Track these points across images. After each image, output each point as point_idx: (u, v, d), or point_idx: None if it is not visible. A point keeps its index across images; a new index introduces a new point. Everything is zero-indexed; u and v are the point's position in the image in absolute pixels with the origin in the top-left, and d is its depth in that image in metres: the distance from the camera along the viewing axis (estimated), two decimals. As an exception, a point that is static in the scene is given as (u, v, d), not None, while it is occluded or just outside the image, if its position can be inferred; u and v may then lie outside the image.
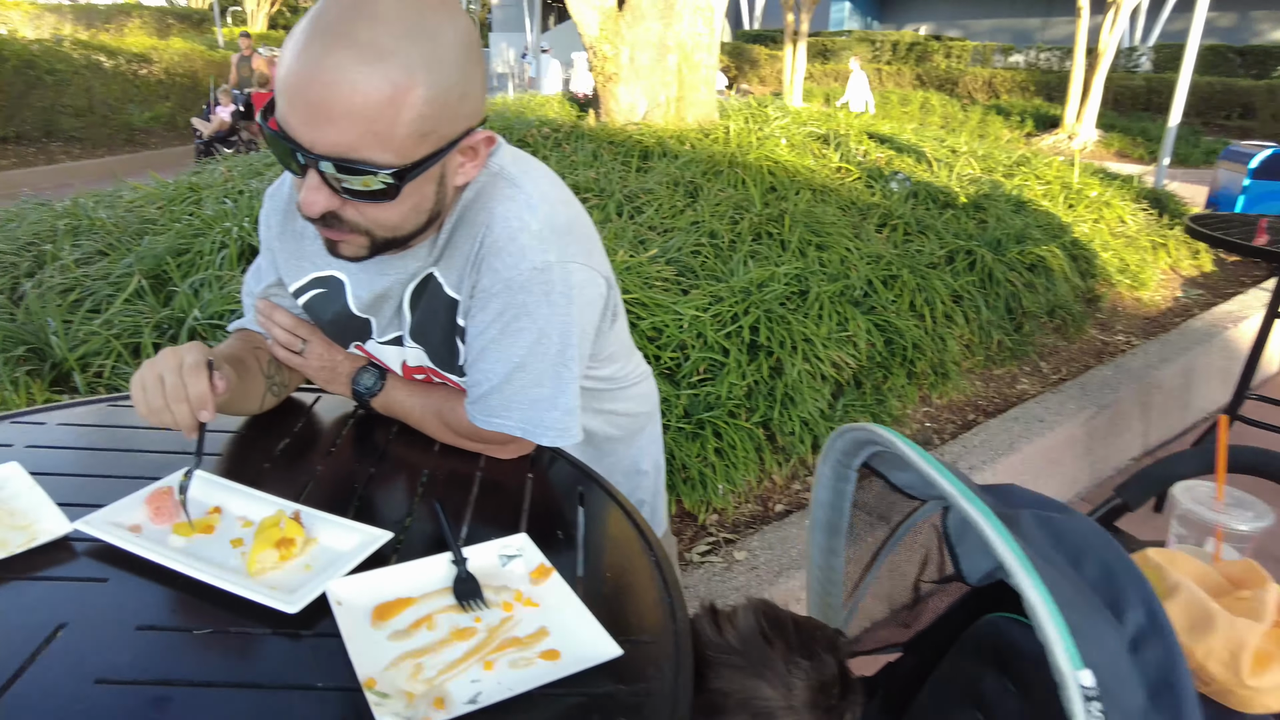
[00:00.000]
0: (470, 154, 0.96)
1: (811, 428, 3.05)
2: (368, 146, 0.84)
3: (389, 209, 0.92)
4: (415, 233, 0.98)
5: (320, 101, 0.82)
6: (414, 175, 0.88)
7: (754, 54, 20.28)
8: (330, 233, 0.94)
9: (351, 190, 0.88)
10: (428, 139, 0.87)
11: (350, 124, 0.82)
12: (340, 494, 1.05)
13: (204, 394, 0.97)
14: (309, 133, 0.84)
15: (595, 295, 1.05)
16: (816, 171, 5.07)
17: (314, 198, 0.88)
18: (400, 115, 0.84)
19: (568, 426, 1.06)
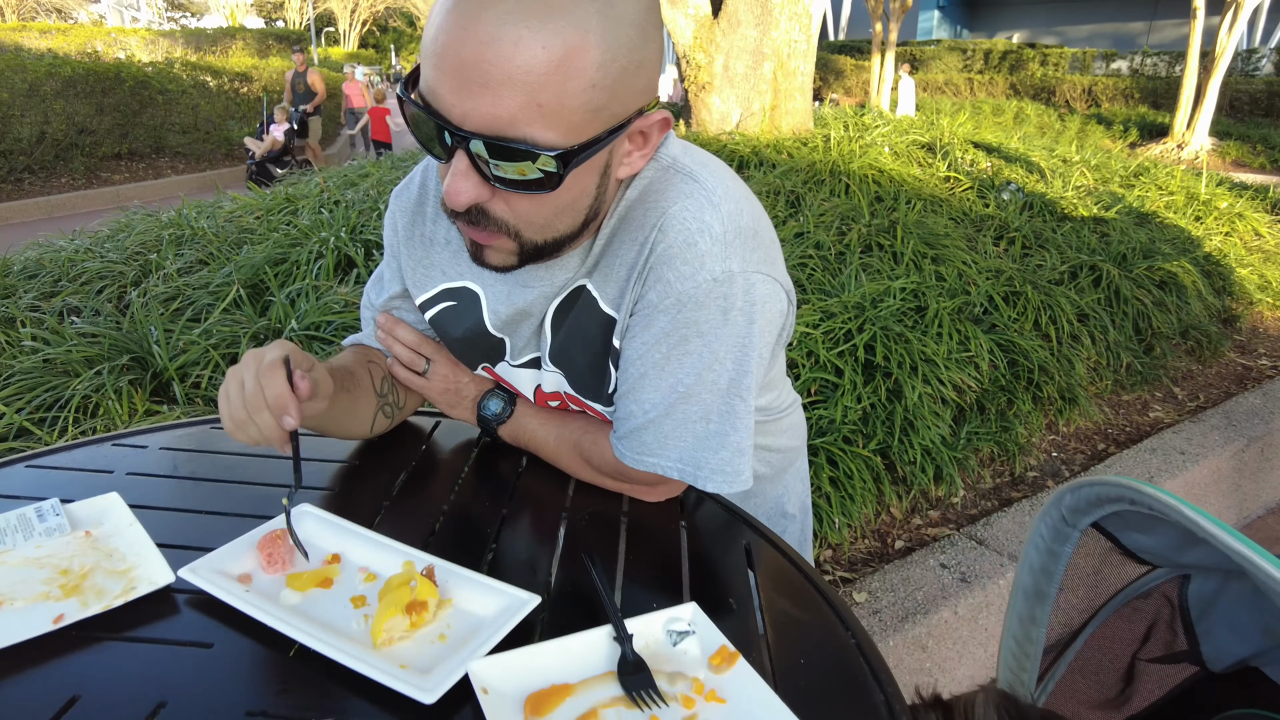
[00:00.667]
0: (640, 140, 0.80)
1: (933, 456, 2.81)
2: (530, 121, 0.68)
3: (544, 203, 0.76)
4: (569, 237, 0.82)
5: (475, 63, 0.66)
6: (580, 160, 0.72)
7: (839, 64, 19.88)
8: (476, 233, 0.79)
9: (505, 179, 0.72)
10: (599, 116, 0.71)
11: (511, 92, 0.67)
12: (471, 541, 0.91)
13: (282, 395, 0.80)
14: (460, 103, 0.68)
15: (776, 313, 0.88)
16: (924, 181, 4.81)
17: (461, 185, 0.72)
18: (570, 84, 0.68)
19: (737, 469, 0.89)
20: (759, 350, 0.86)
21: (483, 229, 0.78)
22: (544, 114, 0.68)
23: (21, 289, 3.22)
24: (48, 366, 2.59)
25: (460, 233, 0.84)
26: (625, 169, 0.81)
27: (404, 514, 0.96)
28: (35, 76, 10.17)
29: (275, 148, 10.31)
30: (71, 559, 0.83)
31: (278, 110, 10.54)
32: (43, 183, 9.81)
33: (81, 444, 1.08)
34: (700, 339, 0.83)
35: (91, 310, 2.98)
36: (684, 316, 0.83)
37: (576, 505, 0.98)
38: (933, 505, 2.83)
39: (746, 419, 0.88)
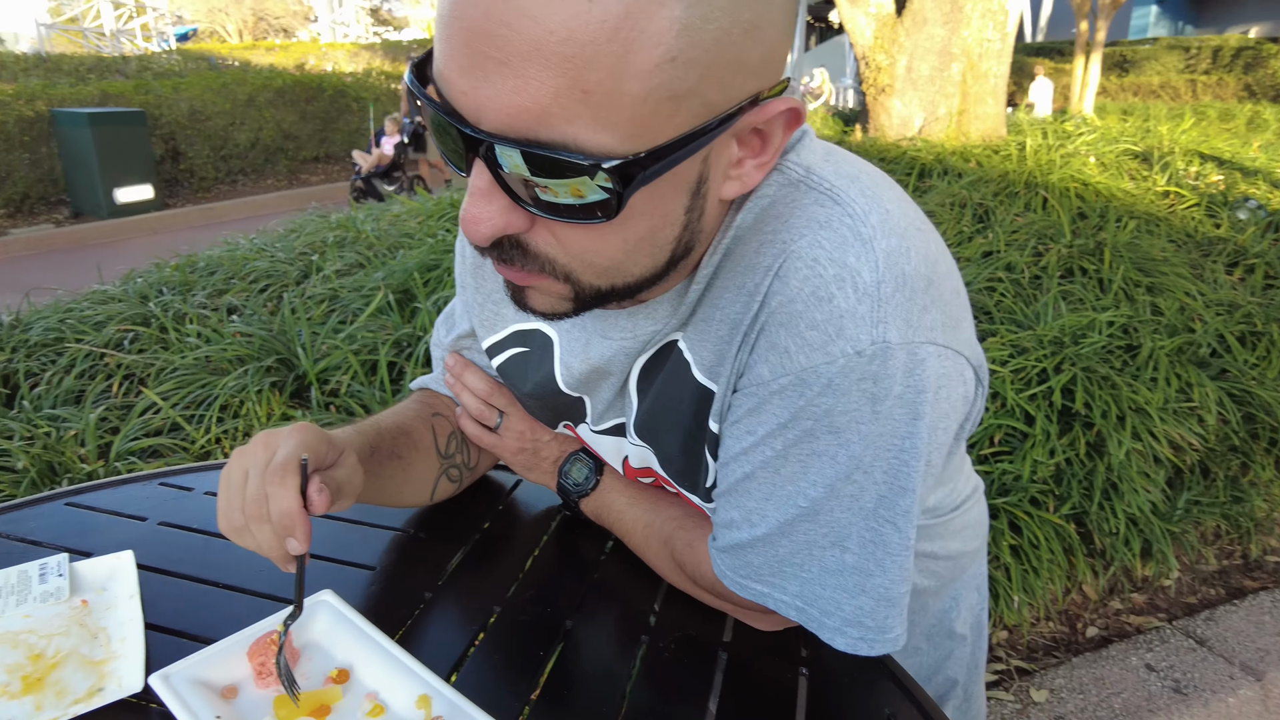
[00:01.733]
0: (755, 143, 0.53)
1: (1141, 528, 2.33)
2: (571, 116, 0.44)
3: (607, 235, 0.51)
4: (647, 280, 0.56)
5: (489, 29, 0.43)
6: (652, 175, 0.47)
7: (1034, 67, 18.38)
8: (511, 271, 0.55)
9: (543, 202, 0.48)
10: (681, 107, 0.45)
11: (541, 70, 0.43)
12: (519, 664, 0.69)
13: (289, 512, 0.62)
14: (473, 89, 0.45)
15: (959, 399, 0.60)
16: (1138, 196, 4.17)
17: (480, 210, 0.49)
18: (634, 56, 0.43)
19: (883, 624, 0.61)
20: (927, 456, 0.58)
21: (518, 267, 0.53)
22: (593, 104, 0.43)
23: (199, 286, 3.38)
24: (205, 364, 2.66)
25: None
26: (734, 185, 0.54)
27: (449, 609, 0.76)
28: (253, 89, 11.17)
29: (383, 163, 9.27)
30: (51, 639, 0.70)
31: (389, 121, 9.49)
32: (253, 184, 10.75)
33: (129, 480, 0.97)
34: (835, 436, 0.57)
35: (251, 309, 3.07)
36: (809, 404, 0.56)
37: (664, 622, 0.75)
38: (1137, 587, 2.36)
39: (901, 557, 0.60)
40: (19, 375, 2.73)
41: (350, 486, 0.70)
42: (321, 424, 2.38)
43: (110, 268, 4.05)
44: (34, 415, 2.47)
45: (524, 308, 0.59)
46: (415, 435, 0.85)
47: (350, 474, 0.70)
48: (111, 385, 2.68)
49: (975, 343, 0.62)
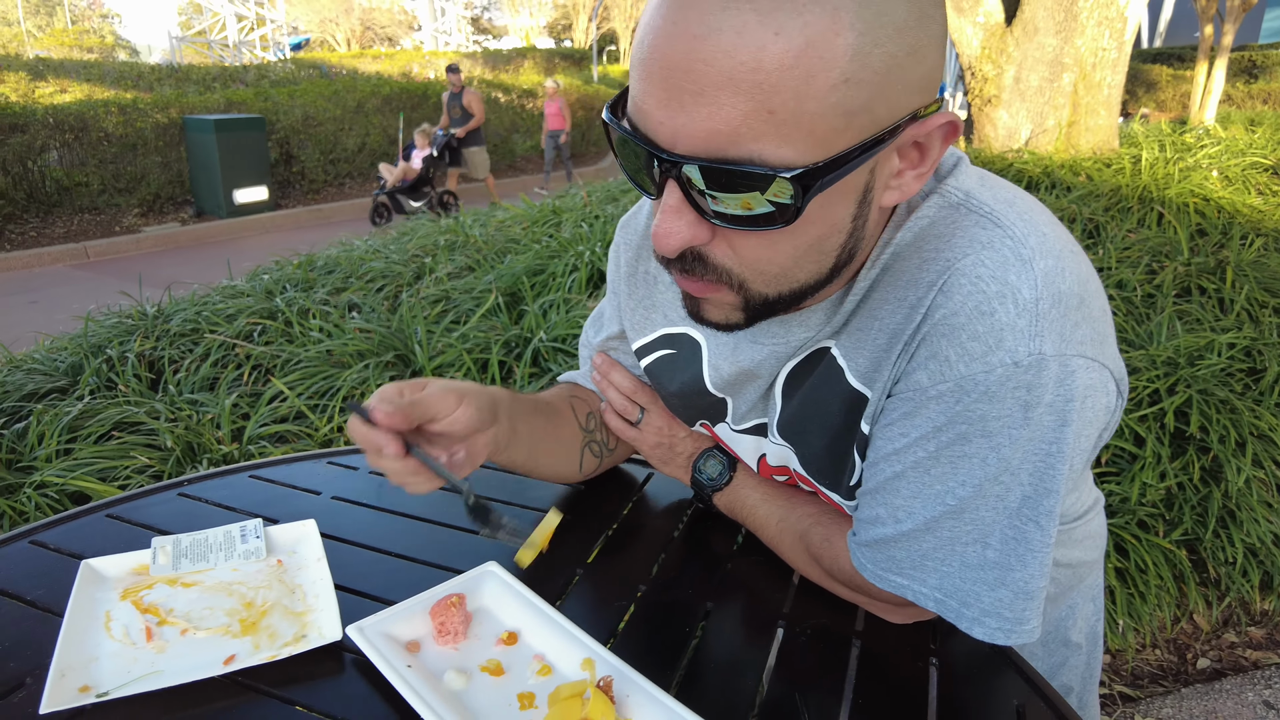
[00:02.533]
0: (914, 155, 0.58)
1: (1262, 559, 2.24)
2: (758, 135, 0.50)
3: (779, 245, 0.57)
4: (811, 287, 0.62)
5: (687, 65, 0.50)
6: (827, 184, 0.53)
7: (1151, 75, 17.51)
8: (691, 283, 0.61)
9: (726, 215, 0.54)
10: (854, 123, 0.51)
11: (732, 97, 0.49)
12: (666, 639, 0.76)
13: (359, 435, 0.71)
14: (670, 119, 0.52)
15: (1102, 409, 0.63)
16: (1266, 213, 3.97)
17: (672, 225, 0.55)
18: (814, 80, 0.49)
19: (1020, 616, 0.65)
20: (1071, 460, 0.62)
21: (698, 278, 0.60)
22: (777, 123, 0.50)
23: (319, 283, 3.60)
24: (328, 357, 2.84)
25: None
26: (894, 194, 0.59)
27: (597, 588, 0.83)
28: (362, 95, 11.70)
29: (409, 177, 8.95)
30: (258, 591, 0.80)
31: (418, 134, 9.19)
32: (359, 187, 11.24)
33: (300, 458, 1.07)
34: (987, 440, 0.61)
35: (369, 307, 3.25)
36: (966, 409, 0.61)
37: (798, 612, 0.80)
38: (1255, 621, 2.27)
39: (1041, 554, 0.64)
40: (164, 362, 2.97)
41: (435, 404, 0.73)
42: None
43: (233, 264, 4.35)
44: (177, 399, 2.69)
45: (699, 319, 0.65)
46: (557, 405, 0.94)
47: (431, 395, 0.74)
48: (242, 374, 2.89)
49: (1118, 357, 0.65)
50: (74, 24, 37.34)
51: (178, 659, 0.70)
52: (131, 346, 3.04)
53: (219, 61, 21.79)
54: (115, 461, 2.27)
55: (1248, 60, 16.90)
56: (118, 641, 0.71)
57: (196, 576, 0.81)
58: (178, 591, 0.78)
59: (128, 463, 2.28)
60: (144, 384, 2.86)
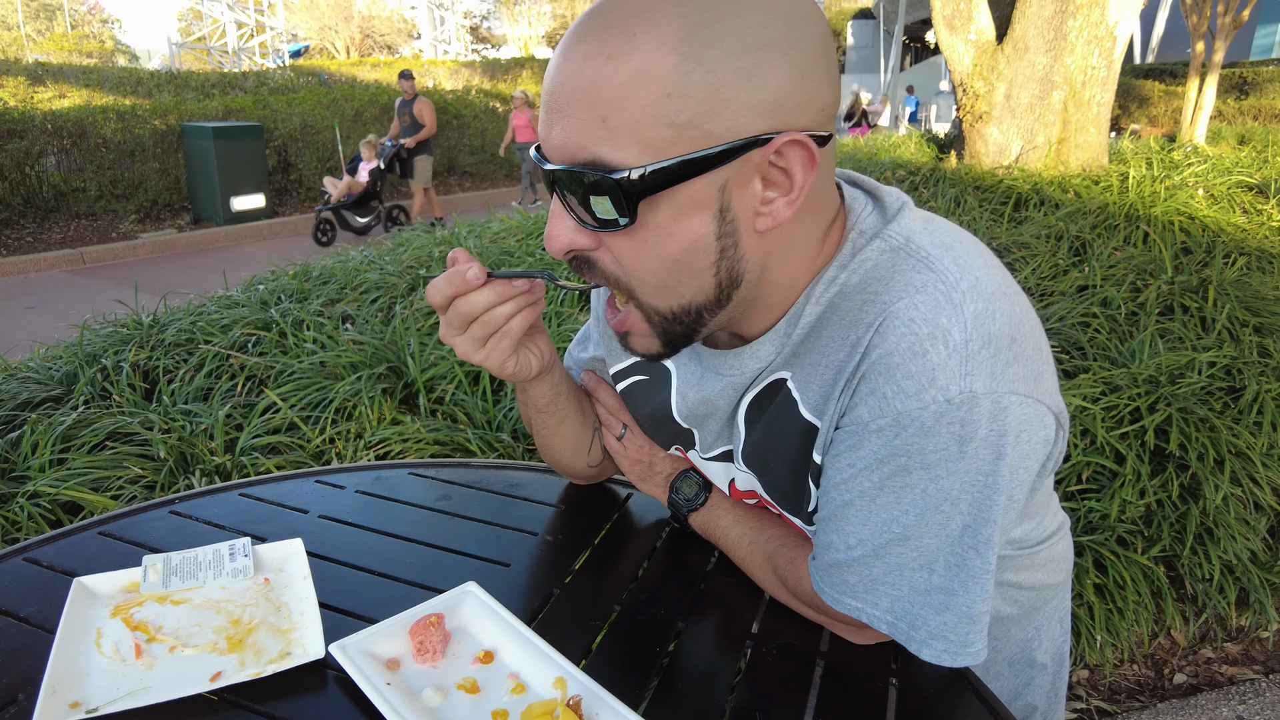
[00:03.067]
0: (782, 181, 0.62)
1: (1238, 576, 2.28)
2: (598, 140, 0.60)
3: (643, 251, 0.64)
4: (702, 306, 0.67)
5: (554, 89, 0.62)
6: (657, 186, 0.60)
7: (1143, 90, 17.65)
8: (610, 312, 0.73)
9: (589, 217, 0.63)
10: (684, 133, 0.59)
11: (578, 109, 0.60)
12: (638, 656, 0.79)
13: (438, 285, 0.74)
14: (547, 135, 0.63)
15: (1039, 443, 0.67)
16: (1250, 231, 4.03)
17: (555, 229, 0.66)
18: (640, 92, 0.58)
19: (965, 639, 0.69)
20: (1009, 491, 0.65)
21: (591, 280, 0.69)
22: (611, 129, 0.59)
23: (314, 294, 3.63)
24: (321, 368, 2.87)
25: None
26: (766, 219, 0.64)
27: (573, 607, 0.86)
28: (360, 104, 11.76)
29: (354, 191, 8.51)
30: (245, 608, 0.83)
31: (364, 146, 8.75)
32: (356, 195, 11.28)
33: (288, 476, 1.10)
34: (926, 471, 0.65)
35: (363, 319, 3.28)
36: (904, 443, 0.65)
37: (766, 631, 0.83)
38: (1231, 637, 2.30)
39: (982, 580, 0.67)
40: (159, 371, 3.00)
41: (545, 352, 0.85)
42: (427, 430, 2.54)
43: (229, 272, 4.37)
44: (171, 409, 2.72)
45: (631, 352, 0.74)
46: (580, 396, 0.99)
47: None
48: (236, 384, 2.92)
49: (1056, 393, 0.69)
50: (74, 29, 37.43)
51: (166, 676, 0.73)
52: (126, 356, 3.07)
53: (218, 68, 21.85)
54: (108, 472, 2.30)
55: (1238, 77, 17.05)
56: (108, 658, 0.74)
57: (186, 594, 0.84)
58: (167, 609, 0.81)
59: (121, 473, 2.30)
60: (138, 394, 2.88)
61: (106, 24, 42.44)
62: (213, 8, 27.21)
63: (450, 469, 1.14)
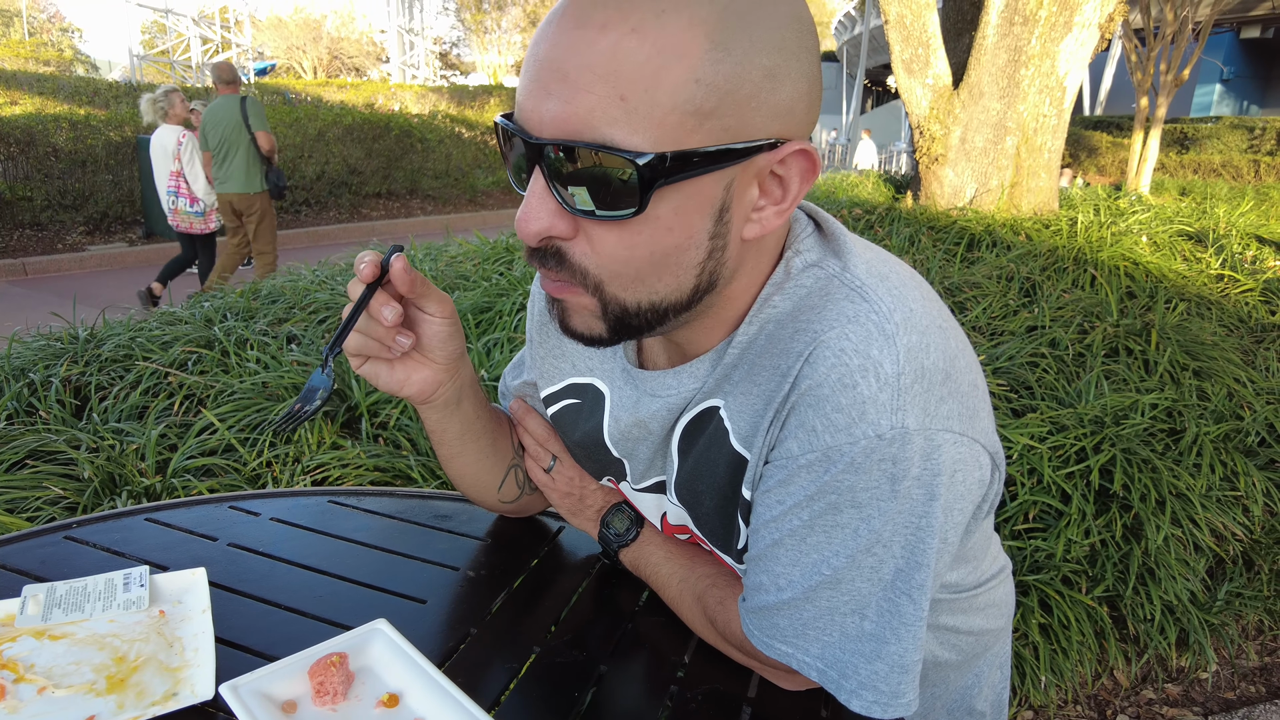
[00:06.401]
0: (775, 189, 0.60)
1: (1178, 617, 2.29)
2: (611, 119, 0.53)
3: (633, 241, 0.58)
4: (671, 306, 0.63)
5: (554, 58, 0.55)
6: (675, 176, 0.55)
7: (1093, 141, 18.32)
8: (550, 282, 0.63)
9: (585, 206, 0.57)
10: (704, 124, 0.55)
11: (589, 82, 0.53)
12: (554, 706, 0.74)
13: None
14: (536, 107, 0.56)
15: (974, 483, 0.64)
16: (1190, 278, 4.14)
17: (533, 210, 0.58)
18: (666, 73, 0.53)
19: (896, 690, 0.65)
20: (943, 534, 0.63)
21: (557, 277, 0.62)
22: (629, 109, 0.53)
23: (261, 313, 3.54)
24: (263, 389, 2.78)
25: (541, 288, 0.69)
26: (754, 226, 0.61)
27: (492, 645, 0.82)
28: (324, 124, 11.64)
29: None
30: (133, 644, 0.77)
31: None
32: (315, 215, 11.13)
33: (200, 501, 1.04)
34: (856, 510, 0.62)
35: (309, 340, 3.19)
36: (834, 480, 0.62)
37: (693, 675, 0.79)
38: (1172, 678, 2.31)
39: (915, 627, 0.64)
40: (90, 388, 2.88)
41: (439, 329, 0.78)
42: (369, 455, 2.47)
43: (178, 289, 4.25)
44: (101, 428, 2.60)
45: (565, 330, 0.67)
46: (502, 418, 0.95)
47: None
48: (173, 404, 2.81)
49: (992, 432, 0.67)
50: (32, 36, 36.69)
51: (30, 720, 0.66)
52: (57, 371, 2.94)
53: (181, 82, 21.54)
54: (26, 492, 2.18)
55: (1180, 132, 17.77)
56: (-32, 700, 0.68)
57: (68, 628, 0.78)
58: (44, 645, 0.75)
59: (40, 494, 2.19)
60: (68, 410, 2.76)
61: (66, 33, 41.70)
62: (178, 22, 26.89)
63: (373, 498, 1.08)
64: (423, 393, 0.80)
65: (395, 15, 32.48)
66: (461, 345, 0.81)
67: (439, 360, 0.79)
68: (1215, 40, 20.81)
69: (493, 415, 0.92)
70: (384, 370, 0.77)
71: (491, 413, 0.92)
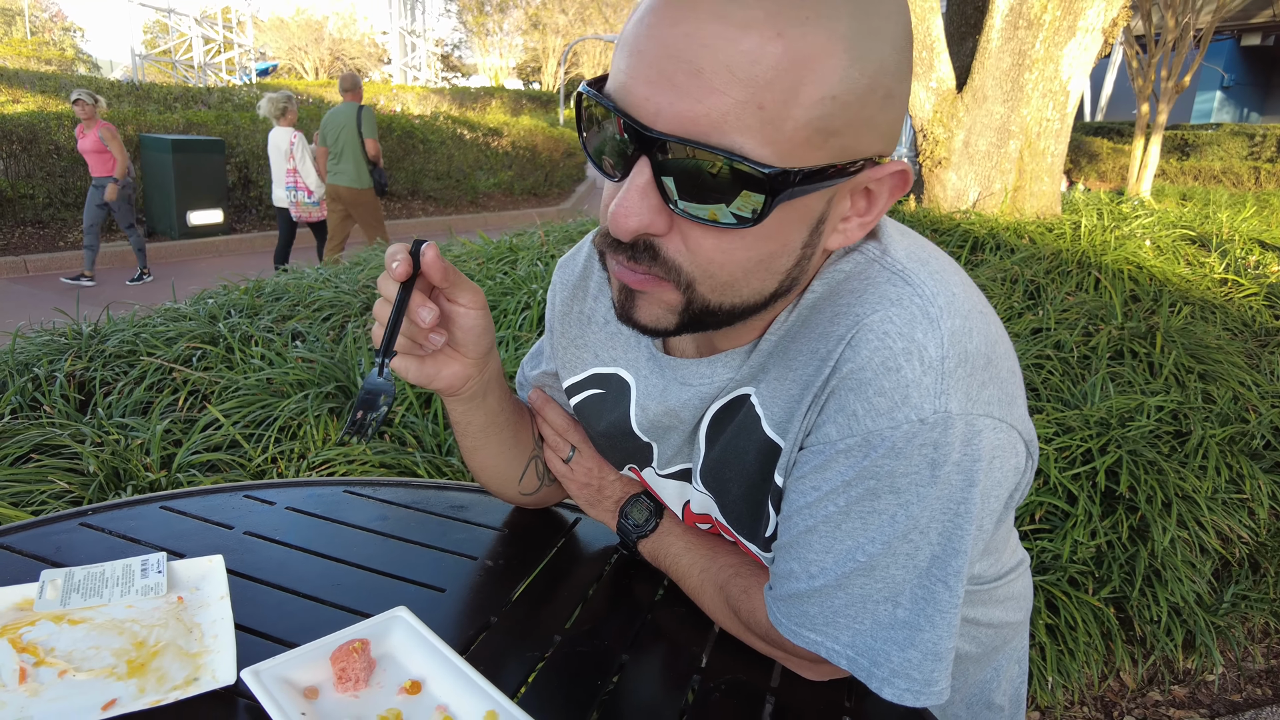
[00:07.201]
0: (864, 202, 0.61)
1: (1185, 619, 2.29)
2: (744, 127, 0.51)
3: (735, 249, 0.57)
4: (751, 307, 0.62)
5: (685, 49, 0.51)
6: (797, 193, 0.54)
7: (1093, 147, 18.33)
8: (633, 274, 0.60)
9: (694, 206, 0.54)
10: (828, 142, 0.53)
11: (726, 84, 0.50)
12: (576, 692, 0.74)
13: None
14: (654, 96, 0.52)
15: (1010, 470, 0.64)
16: (1194, 282, 4.15)
17: (634, 205, 0.54)
18: (805, 88, 0.51)
19: (929, 677, 0.65)
20: (979, 521, 0.62)
21: (642, 271, 0.59)
22: (764, 119, 0.51)
23: (265, 310, 3.53)
24: (267, 385, 2.77)
25: (610, 277, 0.65)
26: (838, 237, 0.61)
27: (512, 635, 0.81)
28: (326, 124, 11.64)
29: None
30: (151, 629, 0.76)
31: None
32: (317, 215, 11.12)
33: (216, 490, 1.04)
34: (895, 496, 0.61)
35: (314, 337, 3.19)
36: (874, 465, 0.61)
37: (714, 665, 0.79)
38: (1179, 680, 2.31)
39: (950, 615, 0.64)
40: (95, 383, 2.87)
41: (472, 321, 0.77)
42: (374, 451, 2.46)
43: (180, 286, 4.25)
44: (106, 422, 2.60)
45: (628, 319, 0.64)
46: (525, 410, 0.95)
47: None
48: (178, 399, 2.80)
49: (1027, 419, 0.67)
50: (34, 35, 36.71)
51: (51, 703, 0.66)
52: (61, 366, 2.94)
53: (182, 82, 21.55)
54: (30, 486, 2.18)
55: (1180, 139, 17.79)
56: (-11, 682, 0.67)
57: (86, 613, 0.77)
58: (63, 629, 0.74)
59: (44, 487, 2.18)
60: (72, 405, 2.76)
61: (68, 32, 41.71)
62: (180, 21, 26.90)
63: (389, 488, 1.08)
64: (451, 386, 0.80)
65: (397, 17, 32.51)
66: (493, 339, 0.81)
67: (470, 355, 0.79)
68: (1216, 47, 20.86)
69: (516, 407, 0.92)
70: (414, 365, 0.77)
71: (515, 404, 0.92)
